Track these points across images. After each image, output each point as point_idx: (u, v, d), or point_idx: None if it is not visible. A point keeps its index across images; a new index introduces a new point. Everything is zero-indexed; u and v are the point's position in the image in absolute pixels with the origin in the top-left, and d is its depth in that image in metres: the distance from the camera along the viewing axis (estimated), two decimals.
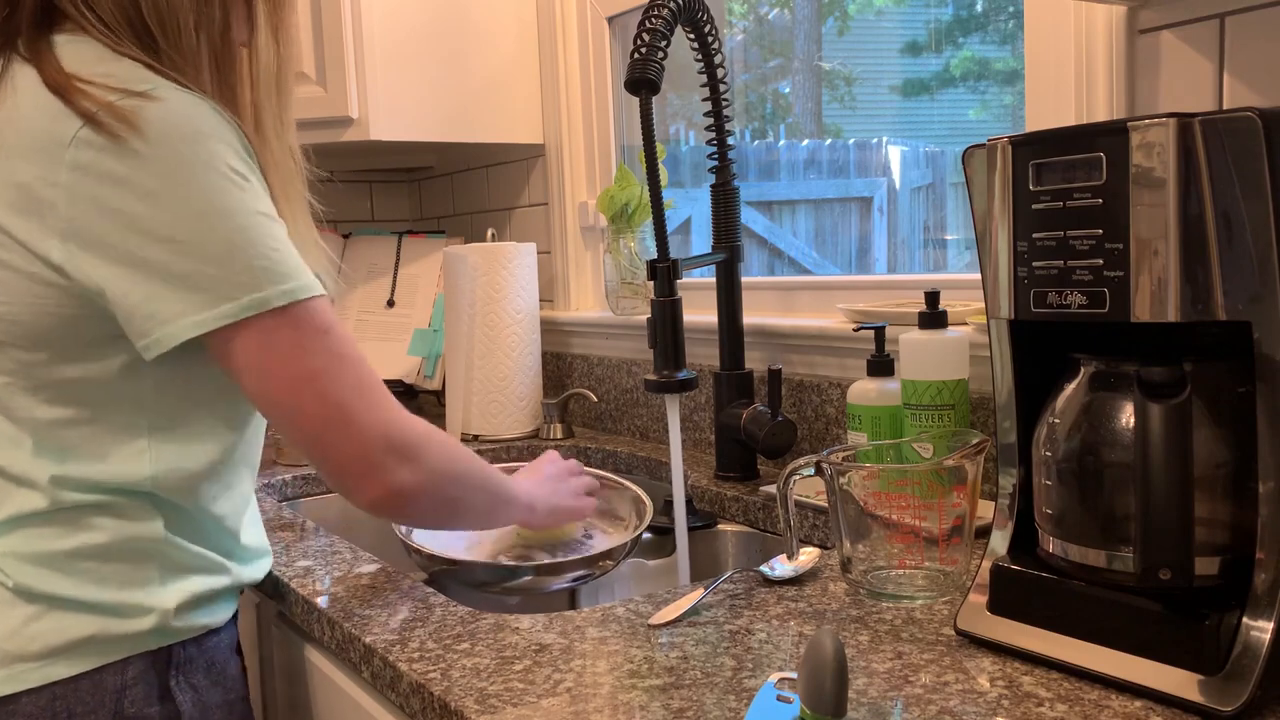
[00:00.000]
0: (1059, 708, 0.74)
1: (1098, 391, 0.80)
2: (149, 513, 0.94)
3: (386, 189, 2.55)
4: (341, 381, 0.90)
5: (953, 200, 1.82)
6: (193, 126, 0.86)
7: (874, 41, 1.92)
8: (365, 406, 0.91)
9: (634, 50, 1.26)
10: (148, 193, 0.84)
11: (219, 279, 0.86)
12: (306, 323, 0.89)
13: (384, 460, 0.92)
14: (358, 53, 1.89)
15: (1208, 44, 1.02)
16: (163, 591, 0.94)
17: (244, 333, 0.87)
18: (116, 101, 0.84)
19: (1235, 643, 0.71)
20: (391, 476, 0.92)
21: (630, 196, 1.83)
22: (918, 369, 1.21)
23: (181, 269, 0.85)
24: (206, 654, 0.98)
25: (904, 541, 0.98)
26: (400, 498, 0.93)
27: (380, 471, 0.92)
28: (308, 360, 0.89)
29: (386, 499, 0.93)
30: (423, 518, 1.05)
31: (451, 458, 0.99)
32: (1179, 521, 0.71)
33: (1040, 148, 0.79)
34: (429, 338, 2.10)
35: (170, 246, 0.85)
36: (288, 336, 0.88)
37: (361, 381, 0.92)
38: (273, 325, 0.88)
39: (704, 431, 1.69)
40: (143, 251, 0.85)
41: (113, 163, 0.84)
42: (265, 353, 0.88)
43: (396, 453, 0.92)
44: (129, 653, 0.93)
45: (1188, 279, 0.71)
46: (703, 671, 0.83)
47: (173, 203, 0.84)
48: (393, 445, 0.92)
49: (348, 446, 0.91)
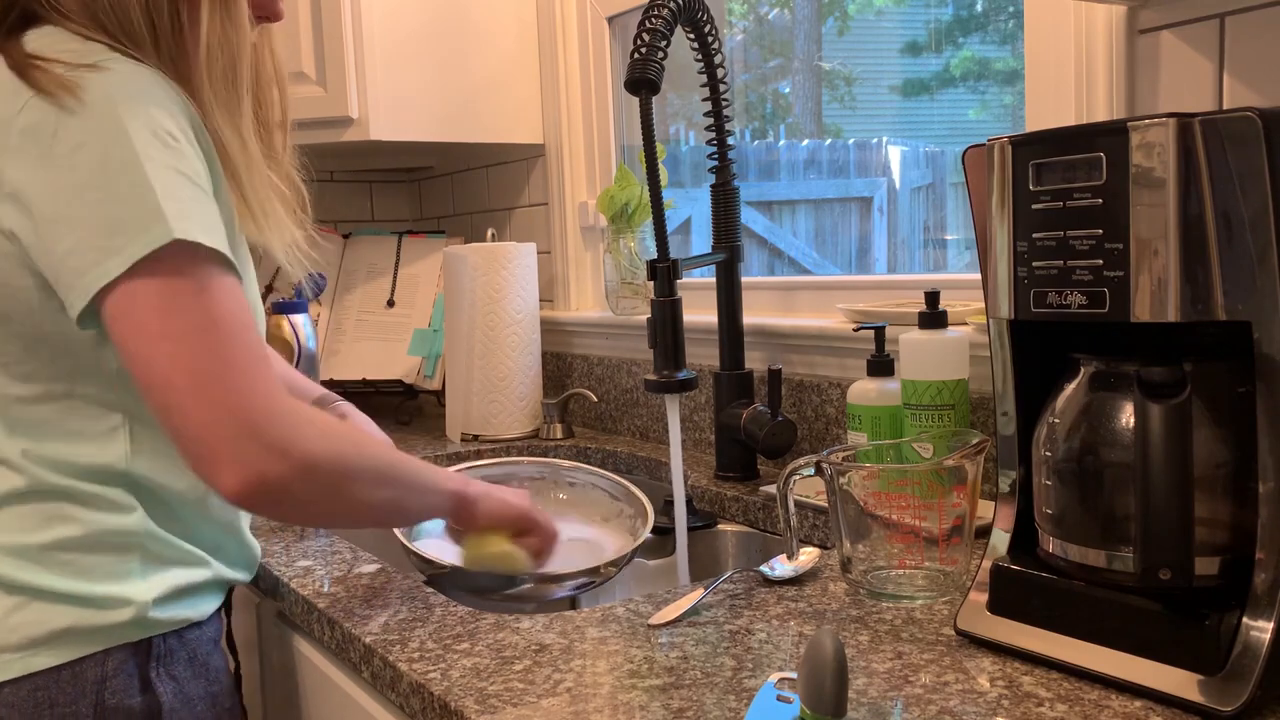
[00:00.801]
0: (1059, 708, 0.74)
1: (1098, 391, 0.80)
2: (128, 503, 0.94)
3: (386, 189, 2.55)
4: (204, 345, 0.83)
5: (953, 200, 1.82)
6: (131, 89, 0.86)
7: (874, 41, 1.92)
8: (226, 378, 0.83)
9: (634, 50, 1.26)
10: (75, 146, 0.84)
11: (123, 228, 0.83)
12: (180, 272, 0.83)
13: (240, 445, 0.82)
14: (358, 53, 1.89)
15: (1208, 44, 1.02)
16: (143, 584, 0.94)
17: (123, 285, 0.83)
18: (64, 73, 0.86)
19: (1235, 643, 0.71)
20: (249, 464, 0.82)
21: (630, 196, 1.83)
22: (918, 369, 1.21)
23: (95, 219, 0.83)
24: (188, 646, 0.98)
25: (904, 541, 0.98)
26: (261, 489, 0.83)
27: (233, 456, 0.82)
28: (170, 317, 0.83)
29: (247, 490, 0.83)
30: (302, 514, 0.96)
31: (335, 449, 0.90)
32: (1179, 521, 0.71)
33: (1040, 148, 0.79)
34: (429, 338, 2.10)
35: (87, 197, 0.84)
36: (155, 286, 0.83)
37: (232, 353, 0.84)
38: (147, 272, 0.83)
39: (704, 431, 1.69)
40: (67, 206, 0.84)
41: (52, 122, 0.85)
42: (130, 304, 0.83)
43: (256, 438, 0.83)
44: (109, 644, 0.92)
45: (1188, 279, 0.71)
46: (703, 671, 0.83)
47: (93, 155, 0.84)
48: (252, 428, 0.83)
49: (195, 418, 0.82)
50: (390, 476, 0.97)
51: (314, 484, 0.88)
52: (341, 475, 0.90)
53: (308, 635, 1.13)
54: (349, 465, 0.91)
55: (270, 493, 0.84)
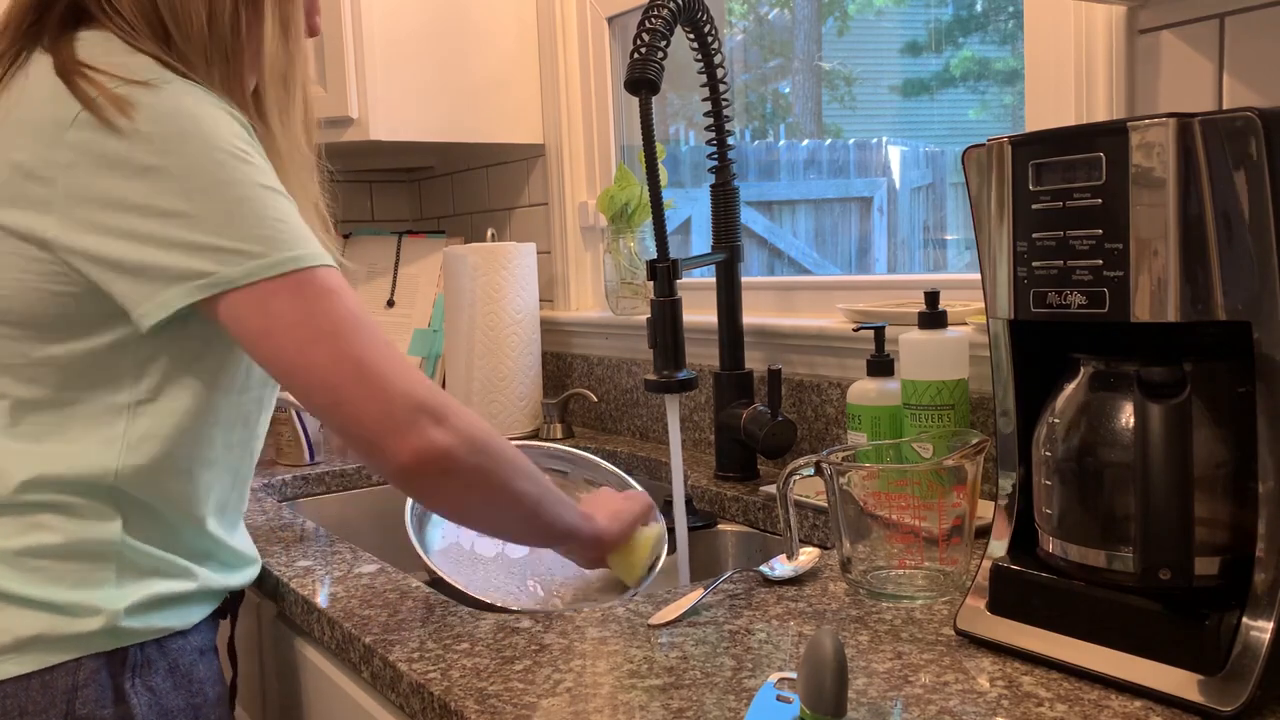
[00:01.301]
0: (1059, 708, 0.74)
1: (1097, 391, 0.80)
2: (107, 514, 0.93)
3: (386, 189, 2.55)
4: (354, 340, 0.87)
5: (953, 200, 1.82)
6: (190, 107, 0.88)
7: (874, 41, 1.92)
8: (385, 364, 0.87)
9: (634, 50, 1.26)
10: (146, 169, 0.85)
11: (219, 248, 0.85)
12: (311, 286, 0.87)
13: (413, 418, 0.87)
14: (358, 53, 1.89)
15: (1207, 44, 1.02)
16: (117, 593, 0.92)
17: (247, 299, 0.86)
18: (115, 89, 0.86)
19: (1235, 643, 0.71)
20: (423, 435, 0.87)
21: (630, 196, 1.83)
22: (917, 369, 1.21)
23: (181, 239, 0.85)
24: (169, 656, 0.96)
25: (904, 541, 0.98)
26: (434, 460, 0.88)
27: (410, 430, 0.87)
28: (316, 321, 0.87)
29: (420, 461, 0.87)
30: (461, 491, 0.94)
31: (488, 431, 0.94)
32: (1179, 521, 0.71)
33: (1040, 148, 0.79)
34: (429, 338, 2.10)
35: (170, 219, 0.85)
36: (291, 300, 0.87)
37: (378, 343, 0.88)
38: (275, 290, 0.86)
39: (704, 431, 1.69)
40: (142, 226, 0.85)
41: (112, 143, 0.85)
42: (269, 318, 0.86)
43: (426, 411, 0.87)
44: (80, 653, 0.91)
45: (1187, 279, 0.71)
46: (703, 671, 0.83)
47: (172, 178, 0.85)
48: (420, 404, 0.87)
49: (370, 404, 0.87)
50: (531, 471, 0.99)
51: (479, 458, 0.91)
52: (499, 456, 0.94)
53: (308, 636, 1.13)
54: (504, 448, 0.95)
55: (441, 462, 0.88)
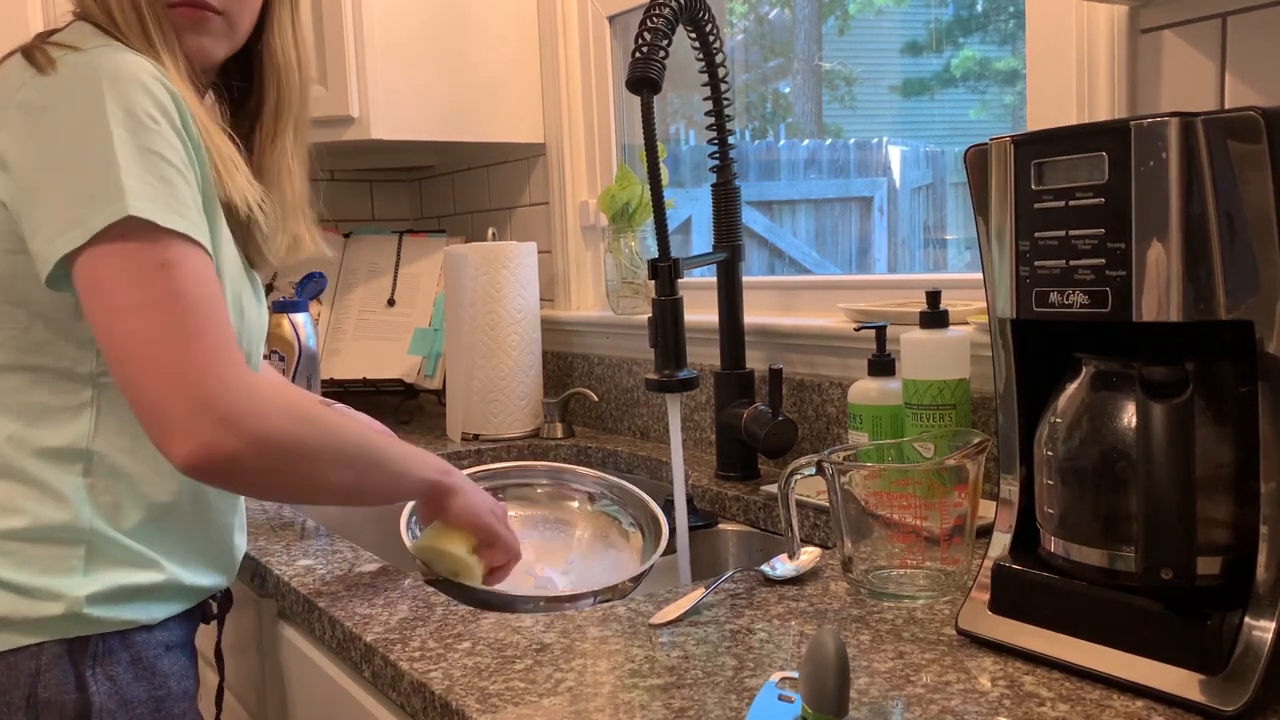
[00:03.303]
0: (1060, 707, 0.74)
1: (1099, 391, 0.80)
2: (80, 497, 0.93)
3: (387, 188, 2.55)
4: (164, 319, 0.85)
5: (953, 200, 1.82)
6: (118, 70, 0.90)
7: (874, 41, 1.92)
8: (182, 353, 0.85)
9: (635, 49, 1.26)
10: (57, 119, 0.88)
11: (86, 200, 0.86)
12: (145, 253, 0.86)
13: (190, 416, 0.85)
14: (358, 52, 1.89)
15: (1209, 43, 1.02)
16: (83, 581, 0.93)
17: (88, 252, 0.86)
18: (61, 55, 0.90)
19: (1237, 643, 0.71)
20: (199, 437, 0.85)
21: (631, 196, 1.83)
22: (919, 369, 1.21)
23: (64, 190, 0.88)
24: (132, 648, 0.96)
25: (905, 541, 0.98)
26: (210, 463, 0.86)
27: (183, 428, 0.85)
28: (133, 289, 0.85)
29: (195, 462, 0.86)
30: (253, 488, 0.96)
31: (292, 426, 0.91)
32: (1181, 521, 0.71)
33: (1042, 147, 0.79)
34: (429, 337, 2.10)
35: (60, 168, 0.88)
36: (119, 261, 0.86)
37: (191, 327, 0.86)
38: (109, 249, 0.86)
39: (705, 431, 1.69)
40: (42, 175, 0.88)
41: (36, 95, 0.89)
42: (95, 277, 0.86)
43: (210, 411, 0.85)
44: (43, 637, 0.92)
45: (1190, 278, 0.71)
46: (704, 671, 0.83)
47: (71, 128, 0.88)
48: (205, 402, 0.85)
49: (149, 391, 0.85)
50: (354, 457, 0.98)
51: (266, 460, 0.89)
52: (297, 453, 0.92)
53: (308, 634, 1.12)
54: (306, 443, 0.93)
55: (219, 465, 0.86)
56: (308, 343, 1.79)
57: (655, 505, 1.31)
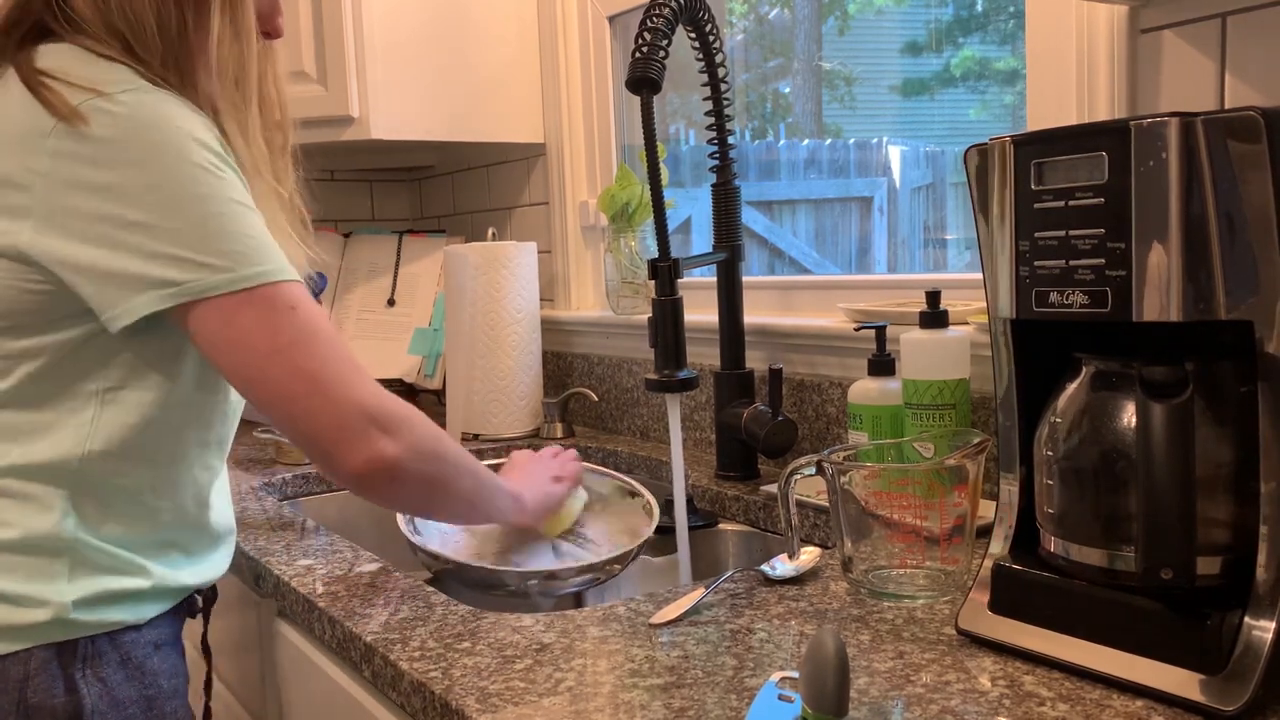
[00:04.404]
0: (1060, 707, 0.74)
1: (1099, 391, 0.80)
2: (63, 507, 0.94)
3: (387, 188, 2.55)
4: (311, 353, 0.92)
5: (953, 200, 1.82)
6: (163, 118, 0.90)
7: (874, 41, 1.92)
8: (339, 377, 0.93)
9: (635, 49, 1.26)
10: (122, 178, 0.88)
11: (189, 260, 0.89)
12: (272, 301, 0.91)
13: (364, 429, 0.93)
14: (358, 52, 1.89)
15: (1209, 43, 1.02)
16: (68, 587, 0.94)
17: (213, 311, 0.90)
18: (84, 101, 0.89)
19: (1237, 642, 0.71)
20: (373, 446, 0.93)
21: (631, 196, 1.83)
22: (919, 368, 1.21)
23: (153, 249, 0.88)
24: (121, 649, 0.97)
25: (905, 541, 0.98)
26: (383, 469, 0.94)
27: (360, 441, 0.92)
28: (275, 335, 0.91)
29: (369, 470, 0.93)
30: (409, 495, 1.03)
31: (435, 436, 1.00)
32: (1181, 521, 0.71)
33: (1042, 147, 0.79)
34: (429, 337, 2.10)
35: (143, 230, 0.88)
36: (253, 314, 0.91)
37: (335, 355, 0.93)
38: (239, 305, 0.90)
39: (705, 431, 1.69)
40: (117, 234, 0.88)
41: (90, 151, 0.88)
42: (232, 330, 0.90)
43: (376, 423, 0.93)
44: (30, 643, 0.92)
45: (1190, 278, 0.71)
46: (704, 671, 0.83)
47: (146, 189, 0.88)
48: (371, 415, 0.93)
49: (323, 417, 0.92)
50: (472, 468, 1.08)
51: (423, 464, 0.98)
52: (442, 459, 1.02)
53: (308, 634, 1.12)
54: (447, 451, 1.03)
55: (389, 471, 0.94)
56: None
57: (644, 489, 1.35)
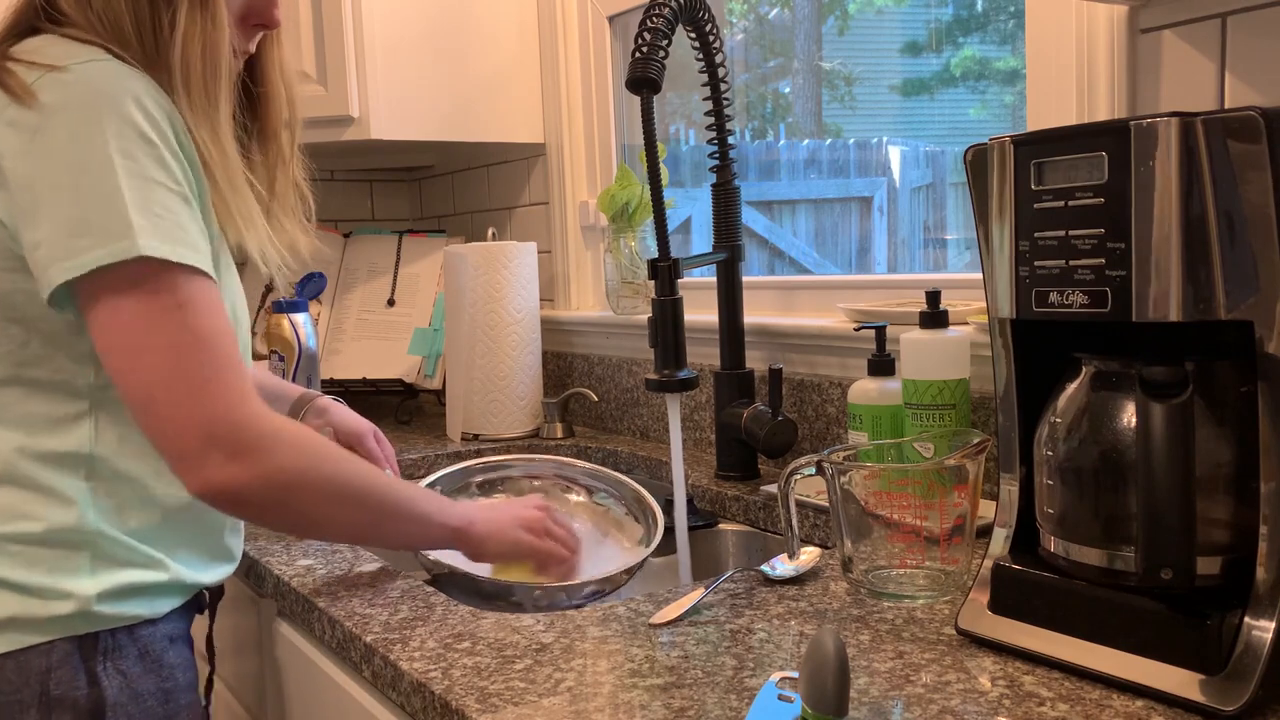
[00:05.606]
0: (1060, 707, 0.74)
1: (1099, 391, 0.80)
2: (83, 501, 0.95)
3: (387, 188, 2.55)
4: (179, 362, 0.89)
5: (953, 200, 1.82)
6: (106, 89, 0.90)
7: (874, 41, 1.92)
8: (195, 391, 0.89)
9: (635, 49, 1.26)
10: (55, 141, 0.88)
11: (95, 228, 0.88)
12: (160, 291, 0.89)
13: (203, 451, 0.89)
14: (358, 52, 1.89)
15: (1209, 43, 1.02)
16: (90, 580, 0.94)
17: (99, 287, 0.88)
18: (39, 77, 0.90)
19: (1237, 642, 0.71)
20: (211, 472, 0.90)
21: (631, 196, 1.83)
22: (919, 368, 1.21)
23: (64, 216, 0.88)
24: (139, 642, 0.98)
25: (905, 541, 0.98)
26: (222, 494, 0.91)
27: (199, 463, 0.90)
28: (152, 334, 0.89)
29: (207, 493, 0.91)
30: (264, 519, 1.00)
31: (300, 465, 0.95)
32: (1181, 521, 0.71)
33: (1042, 147, 0.79)
34: (429, 337, 2.10)
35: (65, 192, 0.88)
36: (135, 301, 0.89)
37: (206, 365, 0.90)
38: (122, 288, 0.88)
39: (705, 431, 1.69)
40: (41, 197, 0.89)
41: (28, 114, 0.89)
42: (110, 312, 0.89)
43: (221, 447, 0.90)
44: (53, 636, 0.93)
45: (1190, 278, 0.71)
46: (704, 671, 0.83)
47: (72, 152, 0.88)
48: (215, 438, 0.90)
49: (167, 428, 0.90)
50: (364, 499, 1.01)
51: (270, 496, 0.94)
52: (303, 491, 0.96)
53: (308, 634, 1.12)
54: (312, 483, 0.97)
55: (229, 497, 0.92)
56: (308, 343, 1.79)
57: (651, 498, 1.33)
